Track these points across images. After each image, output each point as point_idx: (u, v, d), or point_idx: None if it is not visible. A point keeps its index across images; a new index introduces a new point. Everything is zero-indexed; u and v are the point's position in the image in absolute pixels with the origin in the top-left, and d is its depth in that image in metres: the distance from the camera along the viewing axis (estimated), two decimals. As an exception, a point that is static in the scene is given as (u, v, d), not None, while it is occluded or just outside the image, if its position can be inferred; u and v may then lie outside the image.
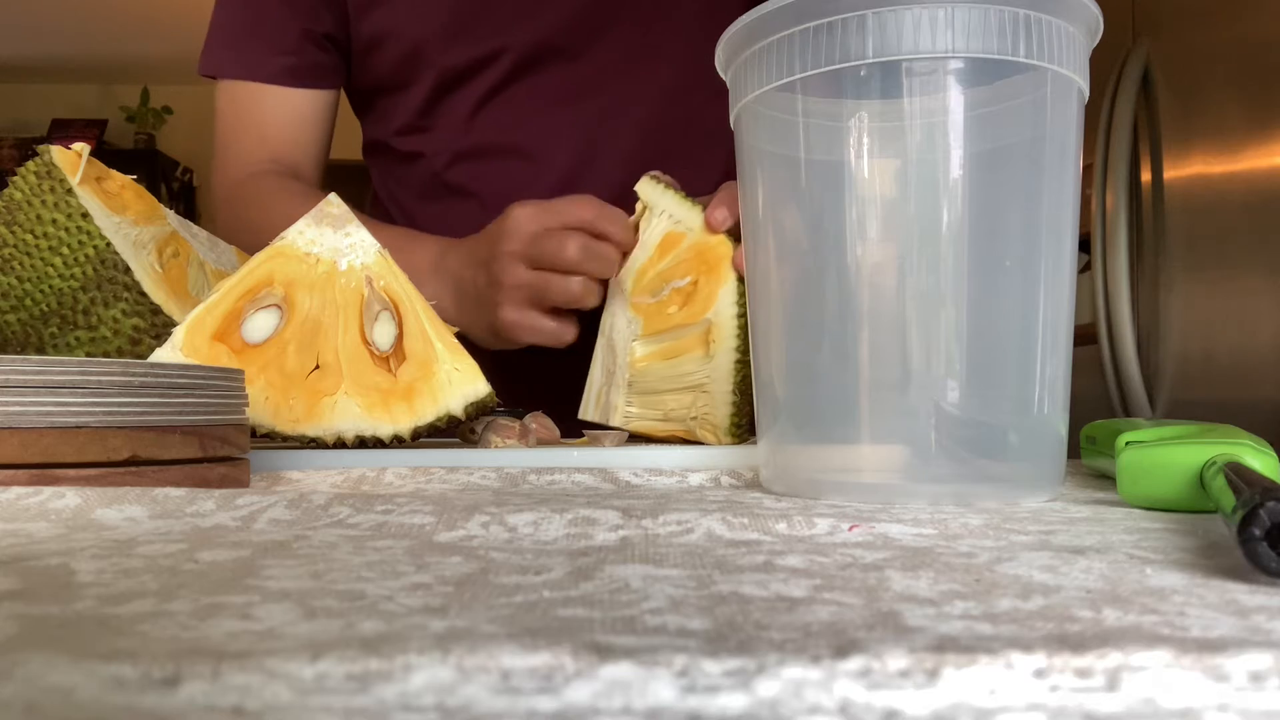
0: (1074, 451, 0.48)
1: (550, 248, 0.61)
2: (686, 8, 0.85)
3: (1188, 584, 0.20)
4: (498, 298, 0.65)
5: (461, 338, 0.54)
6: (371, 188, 0.95)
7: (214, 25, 0.87)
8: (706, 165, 0.82)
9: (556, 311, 0.65)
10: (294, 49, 0.84)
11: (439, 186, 0.85)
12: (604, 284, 0.63)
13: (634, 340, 0.58)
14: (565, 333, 0.65)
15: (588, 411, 0.61)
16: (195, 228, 0.63)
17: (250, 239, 0.81)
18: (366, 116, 0.91)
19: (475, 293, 0.68)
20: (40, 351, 0.54)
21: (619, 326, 0.59)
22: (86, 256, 0.52)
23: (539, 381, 0.86)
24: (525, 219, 0.64)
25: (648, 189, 0.61)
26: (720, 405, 0.55)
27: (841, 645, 0.15)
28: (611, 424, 0.58)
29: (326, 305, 0.50)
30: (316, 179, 0.90)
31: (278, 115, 0.86)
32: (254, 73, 0.85)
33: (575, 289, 0.62)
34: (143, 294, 0.53)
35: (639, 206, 0.61)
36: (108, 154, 4.17)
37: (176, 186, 4.54)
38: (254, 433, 0.48)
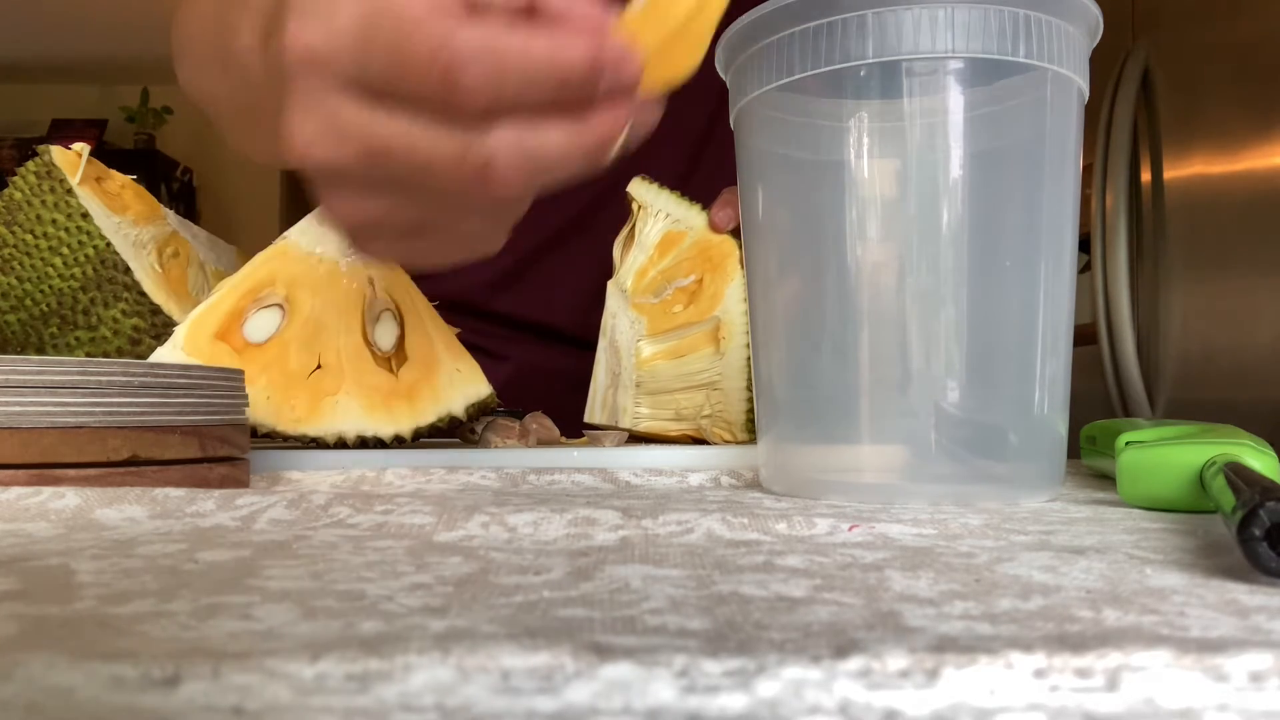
0: (1074, 451, 0.48)
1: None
2: None
3: (1188, 584, 0.20)
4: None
5: (463, 339, 0.54)
6: None
7: None
8: None
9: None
10: None
11: None
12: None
13: (639, 340, 0.57)
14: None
15: (594, 415, 0.61)
16: (195, 228, 0.63)
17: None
18: None
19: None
20: (40, 351, 0.54)
21: (621, 328, 0.59)
22: (86, 256, 0.52)
23: (539, 382, 0.86)
24: None
25: (642, 189, 0.60)
26: (735, 402, 0.55)
27: (841, 645, 0.15)
28: (620, 426, 0.58)
29: (328, 305, 0.50)
30: None
31: None
32: None
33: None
34: (143, 294, 0.53)
35: (633, 207, 0.61)
36: (108, 154, 4.17)
37: (176, 186, 4.54)
38: (255, 432, 0.48)
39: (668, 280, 0.58)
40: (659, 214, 0.59)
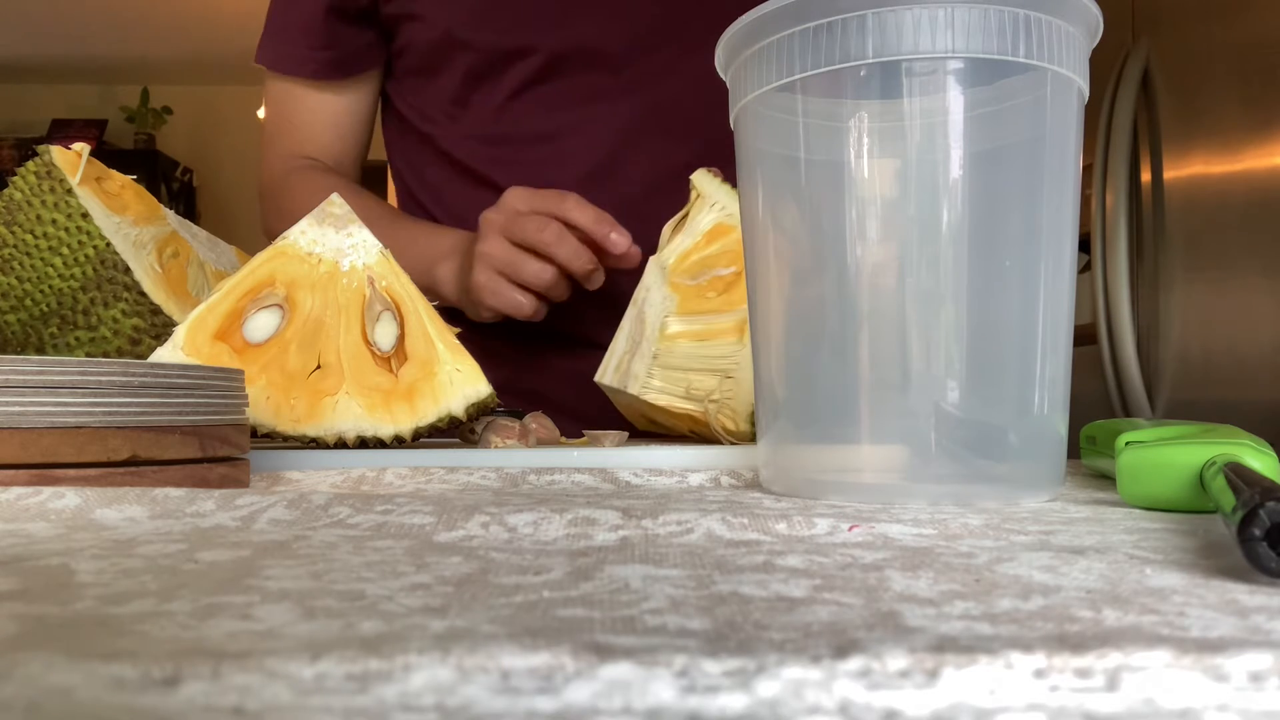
0: (1074, 451, 0.48)
1: (530, 227, 0.67)
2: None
3: (1188, 584, 0.20)
4: (474, 261, 0.70)
5: (463, 338, 0.54)
6: (387, 187, 0.95)
7: (268, 15, 0.88)
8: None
9: (525, 288, 0.70)
10: (326, 41, 0.84)
11: (464, 174, 0.85)
12: (580, 279, 0.66)
13: (669, 315, 0.58)
14: (525, 306, 0.70)
15: (606, 376, 0.62)
16: (195, 228, 0.63)
17: (288, 226, 0.85)
18: (397, 100, 0.90)
19: (465, 259, 0.73)
20: (40, 351, 0.54)
21: (653, 300, 0.60)
22: (86, 256, 0.52)
23: (539, 382, 0.86)
24: (515, 197, 0.69)
25: (704, 180, 0.63)
26: (745, 394, 0.56)
27: (841, 645, 0.15)
28: (628, 390, 0.59)
29: (328, 305, 0.50)
30: (356, 173, 0.94)
31: (317, 114, 0.88)
32: (293, 69, 0.87)
33: (545, 277, 0.68)
34: (143, 294, 0.53)
35: (691, 194, 0.63)
36: (108, 154, 4.17)
37: (176, 186, 4.54)
38: (255, 433, 0.48)
39: (707, 267, 0.60)
40: (714, 205, 0.61)
